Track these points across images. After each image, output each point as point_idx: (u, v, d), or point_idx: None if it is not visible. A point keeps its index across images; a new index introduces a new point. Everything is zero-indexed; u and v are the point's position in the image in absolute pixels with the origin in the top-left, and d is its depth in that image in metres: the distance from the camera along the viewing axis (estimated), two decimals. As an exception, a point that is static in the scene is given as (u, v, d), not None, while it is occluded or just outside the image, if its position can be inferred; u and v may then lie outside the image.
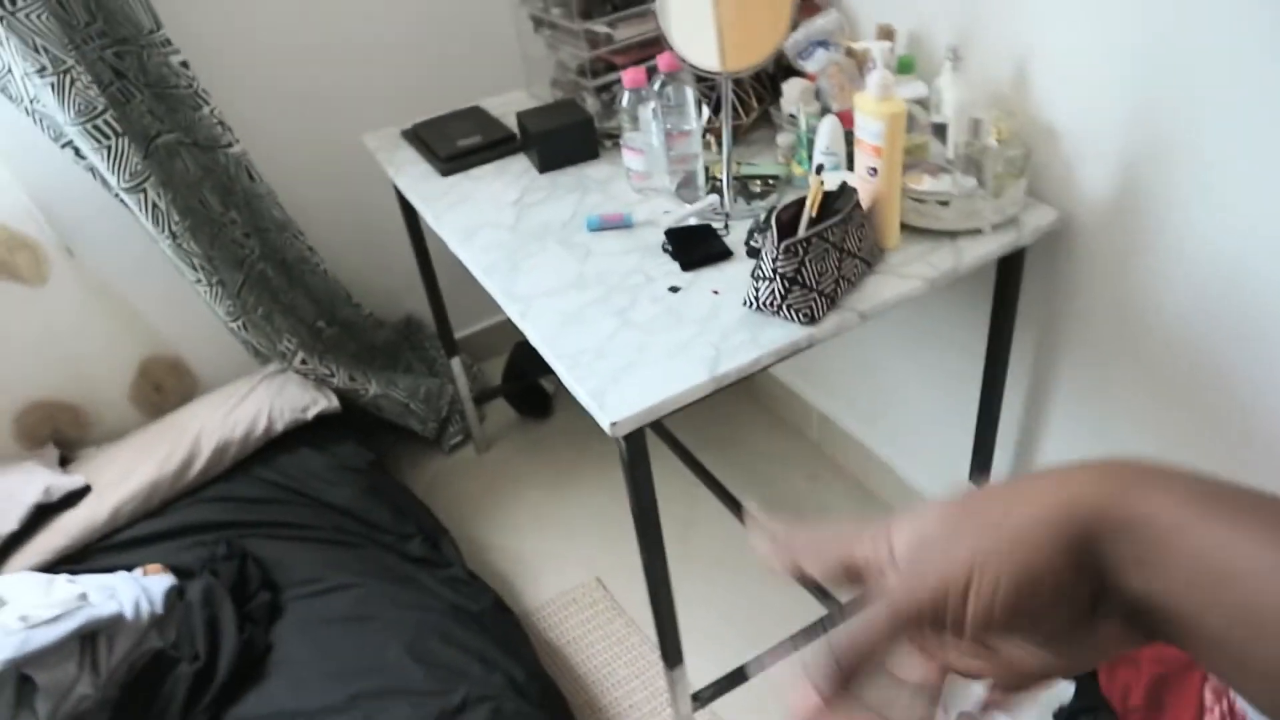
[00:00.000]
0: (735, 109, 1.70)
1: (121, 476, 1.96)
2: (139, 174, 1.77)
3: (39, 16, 1.59)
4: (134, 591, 1.71)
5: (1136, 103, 1.26)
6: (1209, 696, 1.01)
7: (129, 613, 1.67)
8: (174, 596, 1.77)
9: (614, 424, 1.11)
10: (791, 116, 1.58)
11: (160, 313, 2.18)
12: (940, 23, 1.51)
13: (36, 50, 1.59)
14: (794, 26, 1.55)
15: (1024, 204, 1.41)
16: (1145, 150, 1.27)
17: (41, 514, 1.90)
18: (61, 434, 2.17)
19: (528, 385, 2.52)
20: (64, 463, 2.10)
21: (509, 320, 1.36)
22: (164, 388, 2.27)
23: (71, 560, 1.86)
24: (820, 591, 1.80)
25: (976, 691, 0.44)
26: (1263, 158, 1.13)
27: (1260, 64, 1.09)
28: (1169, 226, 1.29)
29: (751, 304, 1.26)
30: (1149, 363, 1.41)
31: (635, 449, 1.20)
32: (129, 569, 1.81)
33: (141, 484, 1.93)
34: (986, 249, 1.35)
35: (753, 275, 1.26)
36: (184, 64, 1.82)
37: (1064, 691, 1.17)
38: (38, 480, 1.94)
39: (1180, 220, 1.27)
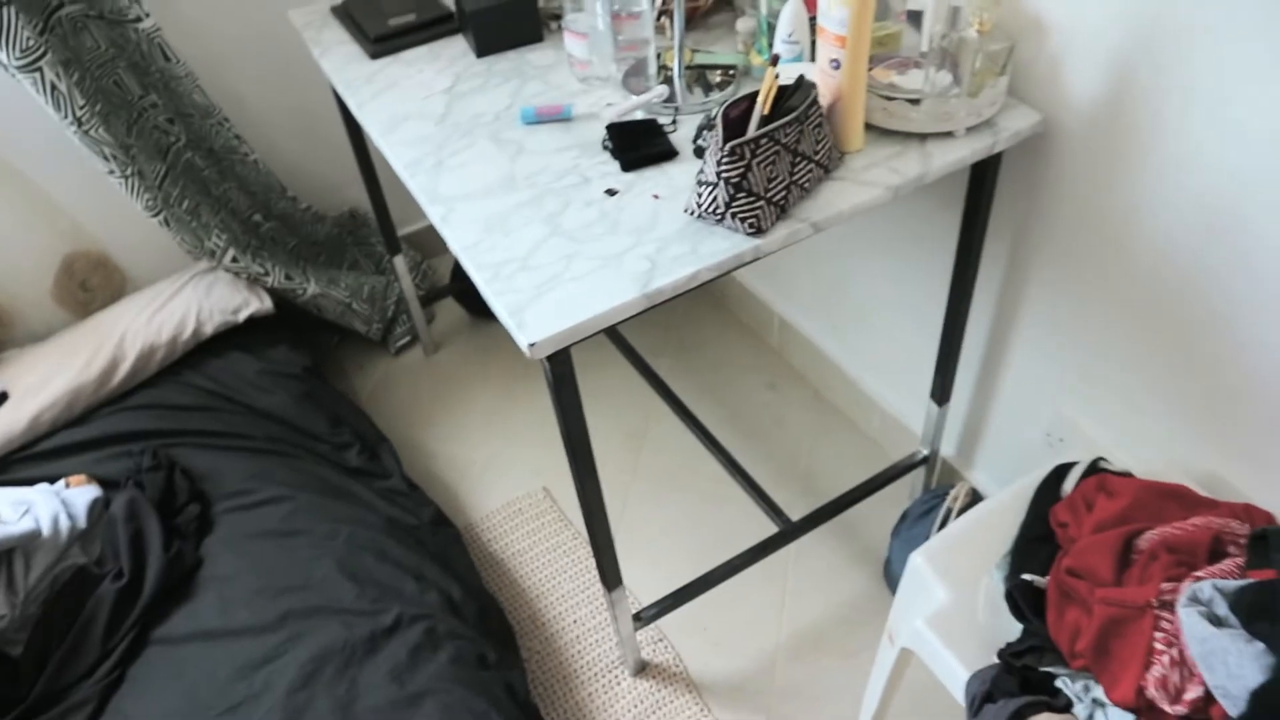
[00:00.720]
0: (692, -11, 1.54)
1: (41, 383, 1.85)
2: (31, 50, 1.59)
3: None
4: (53, 506, 1.63)
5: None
6: (1159, 643, 0.95)
7: (46, 529, 1.59)
8: (99, 509, 1.68)
9: (532, 345, 1.01)
10: (752, 1, 1.43)
11: (83, 205, 2.03)
12: (920, -107, 1.34)
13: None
14: (756, -106, 1.38)
15: (1003, 104, 1.28)
16: (1141, 49, 1.14)
17: (-45, 421, 1.79)
18: (-19, 333, 2.05)
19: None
20: (-18, 365, 1.99)
21: None
22: (91, 286, 2.14)
23: (-10, 470, 1.77)
24: (773, 509, 1.74)
25: None
26: (1263, 78, 1.01)
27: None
28: (1162, 136, 1.16)
29: (693, 211, 1.14)
30: (1126, 282, 1.31)
31: (560, 371, 1.10)
32: (51, 481, 1.72)
33: (62, 390, 1.83)
34: (959, 154, 1.22)
35: (697, 179, 1.14)
36: (78, -76, 1.62)
37: (1011, 628, 1.11)
38: (-51, 384, 1.83)
39: (1175, 130, 1.14)
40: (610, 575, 1.41)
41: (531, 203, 1.21)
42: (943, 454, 1.83)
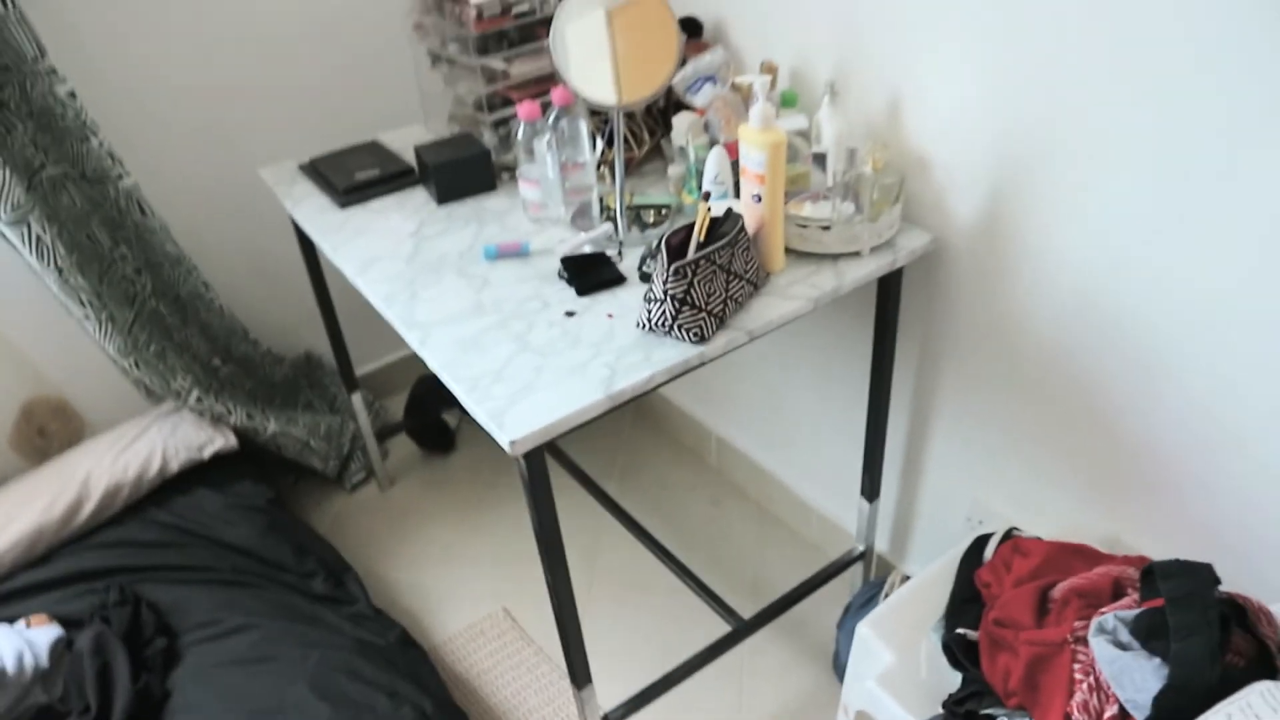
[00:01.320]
0: (627, 142, 1.76)
1: (1, 525, 1.88)
2: (20, 205, 1.72)
3: (-87, 48, 1.55)
4: (16, 645, 1.65)
5: (997, 136, 1.36)
6: (1078, 673, 1.08)
7: (10, 667, 1.60)
8: (60, 648, 1.70)
9: (513, 442, 1.13)
10: (681, 149, 1.65)
11: (44, 352, 2.11)
12: (819, 61, 1.61)
13: (-90, 83, 1.55)
14: (682, 63, 1.62)
15: (899, 228, 1.50)
16: (1007, 179, 1.38)
17: (-87, 567, 1.80)
18: (-66, 483, 2.07)
19: (429, 420, 2.51)
20: (-63, 513, 2.00)
21: (409, 356, 1.38)
22: (48, 432, 2.19)
23: (-54, 615, 1.77)
24: (725, 609, 1.84)
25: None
26: (1114, 186, 1.24)
27: (1110, 101, 1.20)
28: (1033, 248, 1.39)
29: (644, 325, 1.30)
30: (1017, 374, 1.51)
31: (535, 468, 1.22)
32: (10, 622, 1.73)
33: (23, 531, 1.86)
34: (866, 270, 1.43)
35: (645, 298, 1.31)
36: (71, 94, 1.79)
37: (952, 681, 1.23)
38: (-92, 531, 1.84)
39: (1044, 243, 1.37)
40: (580, 673, 1.49)
41: (499, 325, 1.36)
42: (877, 549, 1.97)
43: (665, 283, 1.25)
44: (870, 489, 1.80)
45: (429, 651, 1.93)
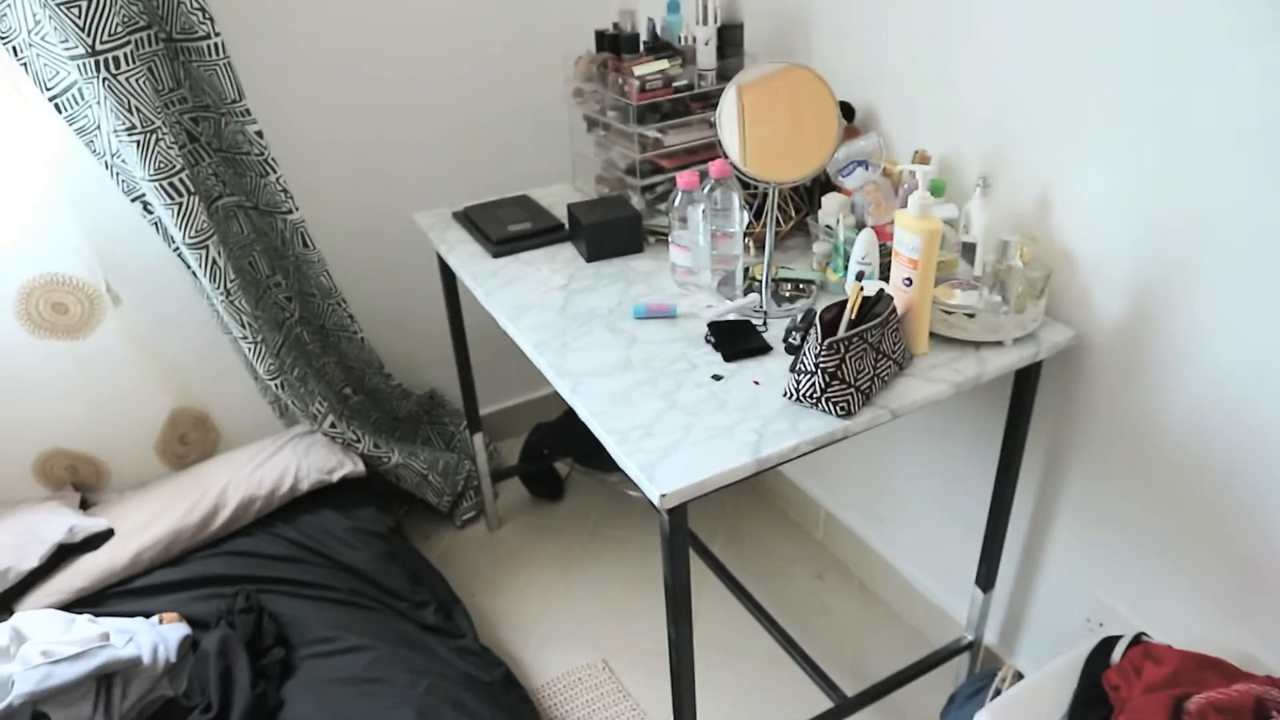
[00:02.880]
0: (775, 217, 1.82)
1: (145, 523, 1.99)
2: (204, 231, 1.86)
3: (136, 80, 1.70)
4: (152, 637, 1.74)
5: (1148, 234, 1.38)
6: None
7: (147, 658, 1.69)
8: (187, 646, 1.78)
9: (663, 496, 1.18)
10: (828, 227, 1.70)
11: (195, 367, 2.25)
12: (970, 152, 1.65)
13: (129, 110, 1.71)
14: (838, 146, 1.68)
15: (1042, 321, 1.51)
16: (1155, 280, 1.39)
17: (62, 554, 1.92)
18: (80, 480, 2.21)
19: (543, 467, 2.58)
20: (84, 505, 2.13)
21: (527, 403, 1.44)
22: (189, 440, 2.32)
23: (87, 603, 1.88)
24: (828, 684, 1.83)
25: None
26: (1264, 296, 1.25)
27: (1261, 203, 1.21)
28: (1176, 353, 1.39)
29: (792, 395, 1.34)
30: (1151, 482, 1.50)
31: (677, 523, 1.26)
32: (145, 616, 1.83)
33: (164, 532, 1.97)
34: (1007, 360, 1.44)
35: (792, 369, 1.35)
36: (259, 133, 1.94)
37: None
38: (61, 520, 1.97)
39: (1186, 348, 1.37)
40: (687, 729, 1.51)
41: (648, 382, 1.41)
42: (986, 641, 1.94)
43: (818, 356, 1.29)
44: (986, 579, 1.78)
45: (529, 694, 1.96)
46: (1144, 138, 1.33)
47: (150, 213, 1.93)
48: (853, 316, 1.34)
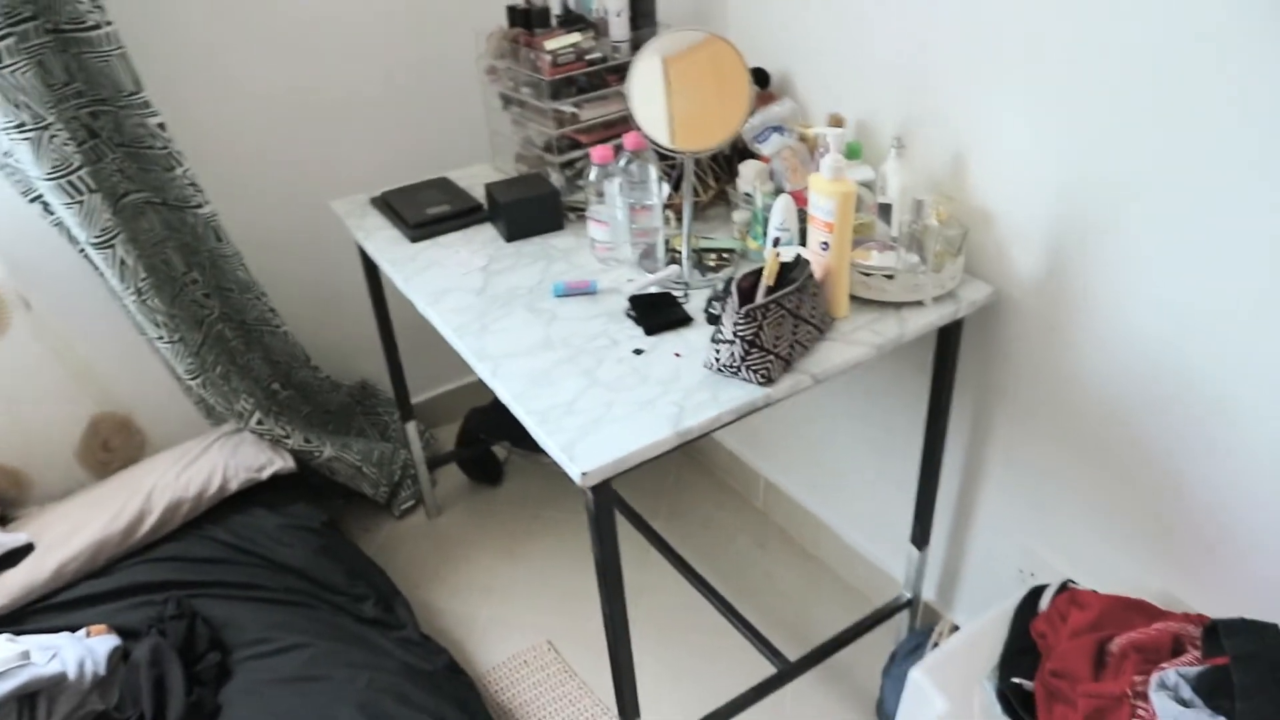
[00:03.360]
0: (694, 187, 1.81)
1: (67, 534, 1.93)
2: (109, 230, 1.80)
3: (22, 74, 1.63)
4: (78, 652, 1.68)
5: (1061, 190, 1.39)
6: (1138, 731, 1.08)
7: (72, 673, 1.64)
8: (118, 657, 1.74)
9: (584, 474, 1.17)
10: (747, 195, 1.69)
11: (113, 370, 2.18)
12: (885, 114, 1.65)
13: (17, 106, 1.63)
14: (752, 113, 1.67)
15: (961, 279, 1.52)
16: (1069, 233, 1.40)
17: (-21, 572, 1.86)
18: (0, 493, 2.13)
19: (480, 452, 2.55)
20: (3, 521, 2.06)
21: (461, 388, 1.42)
22: (112, 446, 2.25)
23: (8, 622, 1.81)
24: (770, 650, 1.85)
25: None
26: (1177, 242, 1.27)
27: (1177, 155, 1.23)
28: (1091, 303, 1.41)
29: (712, 365, 1.34)
30: (1075, 429, 1.52)
31: (602, 501, 1.25)
32: (72, 630, 1.77)
33: (88, 542, 1.91)
34: (927, 319, 1.45)
35: (713, 339, 1.35)
36: (161, 125, 1.87)
37: (1006, 734, 1.23)
38: (-24, 537, 1.90)
39: (1101, 297, 1.39)
40: (629, 706, 1.50)
41: (569, 360, 1.40)
42: (924, 598, 1.97)
43: (735, 324, 1.28)
44: (920, 537, 1.80)
45: (474, 680, 1.95)
46: (1058, 94, 1.34)
47: (51, 213, 1.85)
48: (770, 283, 1.33)
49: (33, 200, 1.83)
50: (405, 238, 1.83)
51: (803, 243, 1.51)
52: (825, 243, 1.40)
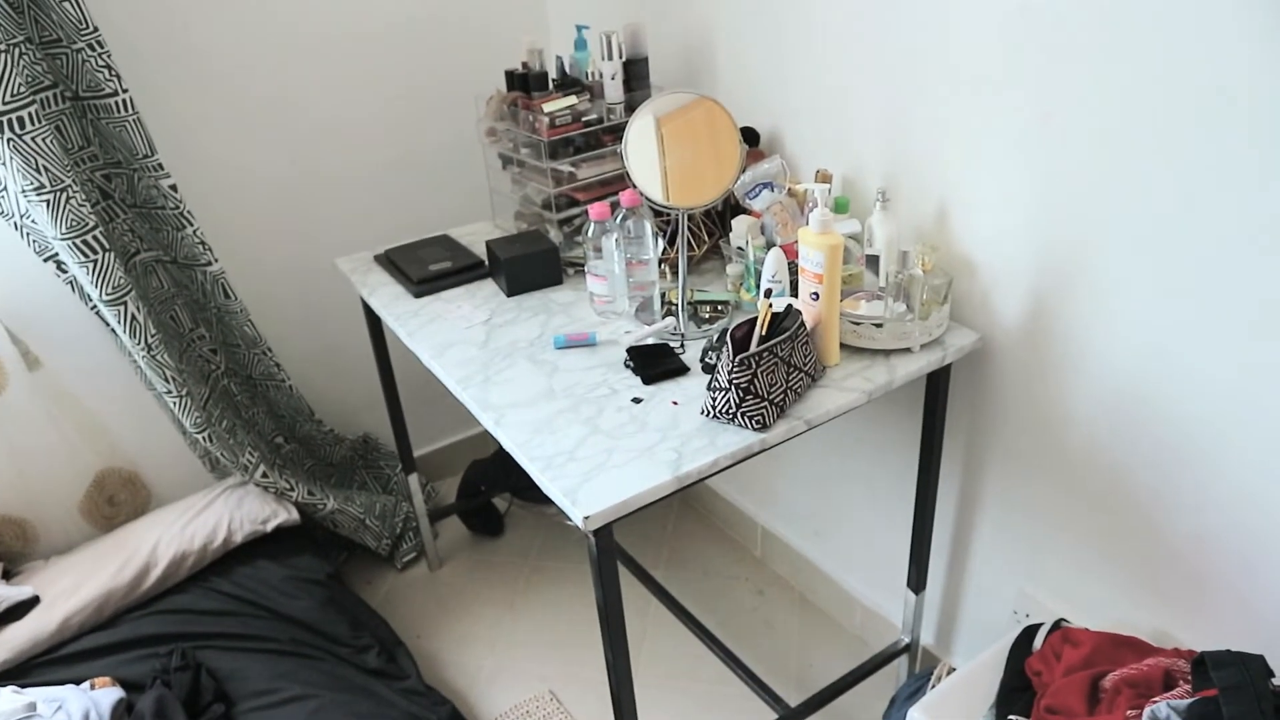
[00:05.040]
0: (689, 241, 1.87)
1: (72, 587, 1.95)
2: (120, 288, 1.85)
3: (43, 139, 1.70)
4: (83, 704, 1.70)
5: (1040, 239, 1.45)
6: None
7: (78, 725, 1.65)
8: (122, 710, 1.75)
9: (586, 518, 1.20)
10: (740, 249, 1.75)
11: (121, 426, 2.22)
12: (870, 169, 1.72)
13: (37, 170, 1.70)
14: (743, 170, 1.74)
15: (948, 327, 1.58)
16: (1049, 279, 1.46)
17: (-14, 626, 1.87)
18: (5, 547, 2.15)
19: (481, 504, 2.58)
20: (6, 575, 2.08)
21: (462, 441, 1.45)
22: (117, 501, 2.28)
23: (13, 675, 1.83)
24: (772, 696, 1.86)
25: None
26: (1153, 287, 1.32)
27: (1148, 207, 1.29)
28: (1072, 347, 1.47)
29: (709, 413, 1.38)
30: (1062, 470, 1.56)
31: (604, 545, 1.28)
32: (76, 683, 1.79)
33: (93, 595, 1.93)
34: (916, 365, 1.50)
35: (709, 387, 1.39)
36: (173, 187, 1.93)
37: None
38: (-16, 591, 1.92)
39: (1082, 341, 1.45)
40: (632, 752, 1.52)
41: (570, 409, 1.44)
42: (922, 641, 1.99)
43: (730, 372, 1.33)
44: (917, 580, 1.83)
45: (476, 731, 1.96)
46: (1032, 144, 1.41)
47: (64, 272, 1.91)
48: (763, 332, 1.38)
49: (47, 259, 1.89)
50: (409, 293, 1.88)
51: (794, 294, 1.56)
52: (815, 293, 1.46)
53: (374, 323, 2.12)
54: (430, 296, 1.87)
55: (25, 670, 1.84)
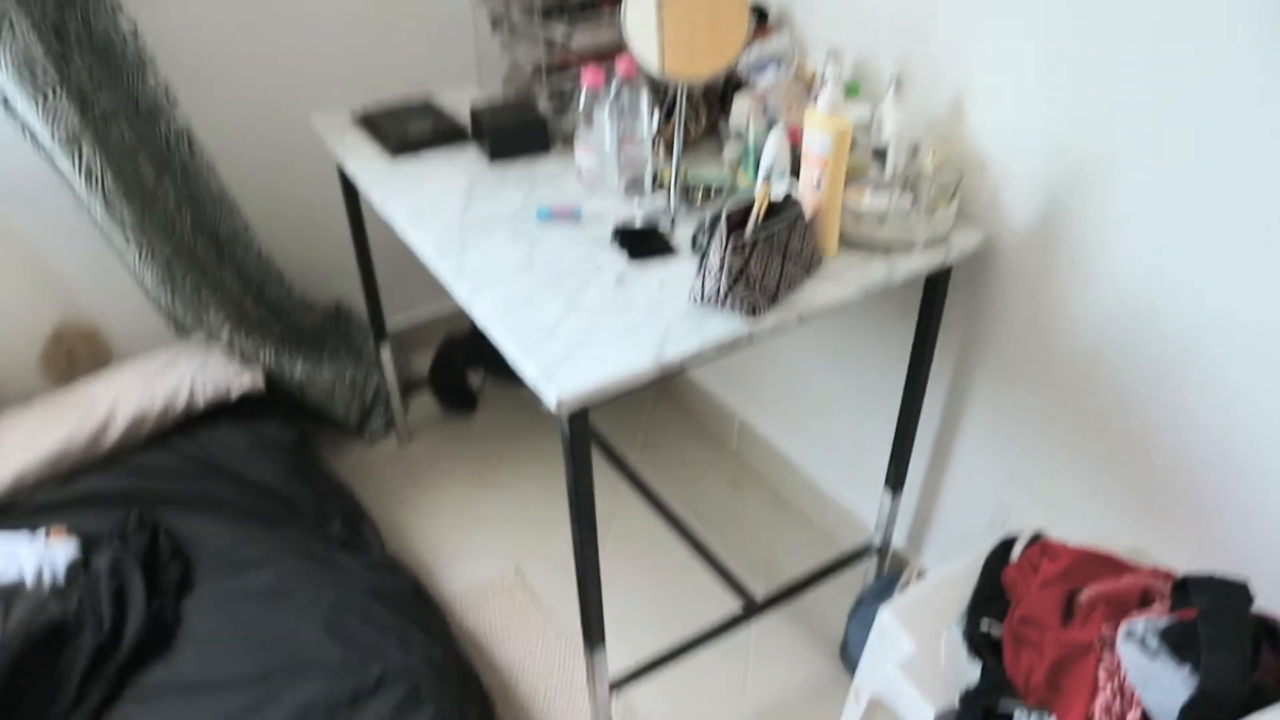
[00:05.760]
0: (685, 121, 1.76)
1: (27, 441, 1.89)
2: (75, 132, 1.73)
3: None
4: (37, 557, 1.66)
5: (1057, 139, 1.36)
6: (1102, 676, 1.09)
7: (30, 579, 1.62)
8: (78, 567, 1.71)
9: (560, 401, 1.14)
10: (739, 130, 1.65)
11: (81, 279, 2.12)
12: (885, 52, 1.61)
13: (-20, -4, 1.55)
14: (749, 44, 1.62)
15: (953, 225, 1.50)
16: (1063, 182, 1.38)
17: (-63, 476, 1.82)
18: (-40, 398, 2.08)
19: (454, 380, 2.53)
20: (-39, 428, 2.02)
21: (438, 315, 1.38)
22: (76, 356, 2.20)
23: (-33, 526, 1.78)
24: (737, 588, 1.85)
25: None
26: (1169, 196, 1.25)
27: (1170, 109, 1.20)
28: (1083, 254, 1.40)
29: (697, 297, 1.31)
30: (1057, 380, 1.52)
31: (578, 429, 1.23)
32: (32, 530, 1.75)
33: (49, 450, 1.87)
34: (917, 264, 1.43)
35: (699, 271, 1.32)
36: (134, 31, 1.79)
37: (971, 673, 1.24)
38: (-65, 441, 1.86)
39: (1093, 249, 1.38)
40: (595, 633, 1.50)
41: (551, 284, 1.37)
42: (894, 543, 1.98)
43: (723, 255, 1.25)
44: (895, 480, 1.81)
45: (440, 604, 1.95)
46: (1060, 35, 1.31)
47: (11, 111, 1.77)
48: (759, 218, 1.30)
49: (-5, 97, 1.76)
50: (386, 155, 1.78)
51: (795, 178, 1.48)
52: (818, 180, 1.37)
53: (349, 185, 2.01)
54: (409, 160, 1.77)
55: (-22, 521, 1.79)
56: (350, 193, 2.02)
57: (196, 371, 2.06)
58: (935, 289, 1.54)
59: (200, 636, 1.63)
